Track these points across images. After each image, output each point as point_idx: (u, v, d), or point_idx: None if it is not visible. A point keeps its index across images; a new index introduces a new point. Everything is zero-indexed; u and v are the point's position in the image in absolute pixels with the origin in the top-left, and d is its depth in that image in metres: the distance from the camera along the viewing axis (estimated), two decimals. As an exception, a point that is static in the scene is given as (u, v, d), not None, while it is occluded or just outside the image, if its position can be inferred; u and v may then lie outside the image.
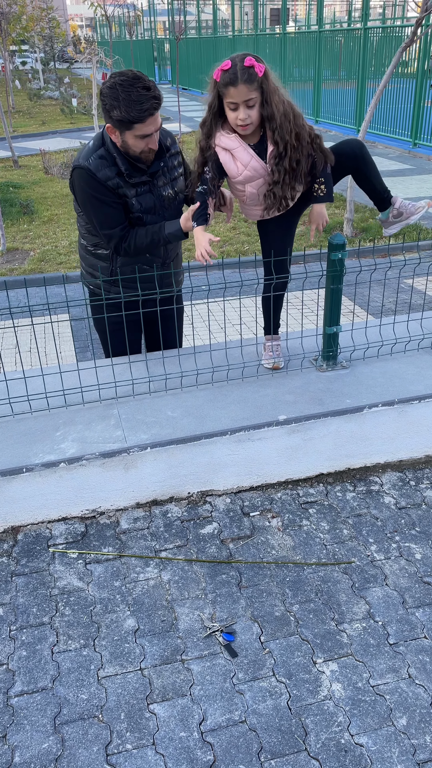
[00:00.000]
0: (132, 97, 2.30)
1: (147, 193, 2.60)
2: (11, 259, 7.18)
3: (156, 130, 2.43)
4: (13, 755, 1.82)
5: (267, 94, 2.34)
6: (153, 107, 2.34)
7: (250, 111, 2.35)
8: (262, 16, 20.55)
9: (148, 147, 2.45)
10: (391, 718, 1.91)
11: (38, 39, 26.31)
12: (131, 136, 2.41)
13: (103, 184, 2.49)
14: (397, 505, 2.74)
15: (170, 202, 2.66)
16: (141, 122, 2.35)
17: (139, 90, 2.31)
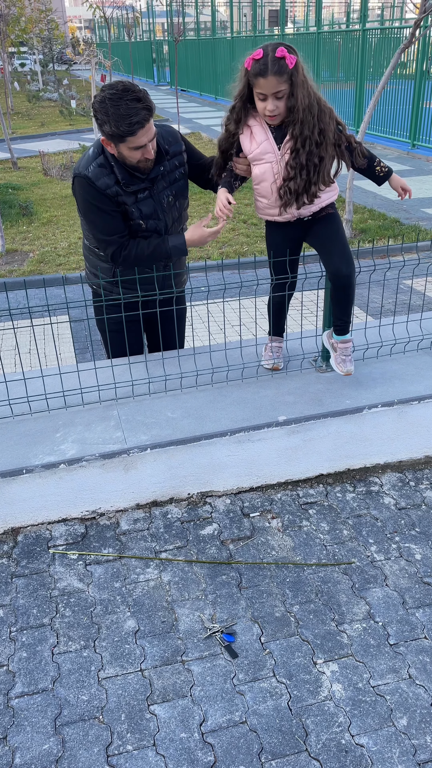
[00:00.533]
0: (121, 111, 2.28)
1: (147, 198, 2.60)
2: (10, 261, 7.18)
3: (150, 140, 2.41)
4: (13, 756, 1.82)
5: (294, 87, 2.31)
6: (143, 119, 2.32)
7: (278, 102, 2.33)
8: (260, 17, 20.58)
9: (144, 157, 2.44)
10: (392, 718, 1.91)
11: (37, 41, 26.32)
12: (125, 148, 2.40)
13: (103, 192, 2.50)
14: (397, 505, 2.74)
15: (170, 205, 2.66)
16: (132, 135, 2.34)
17: (128, 103, 2.29)
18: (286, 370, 3.02)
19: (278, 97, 2.32)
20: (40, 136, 15.60)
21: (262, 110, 2.37)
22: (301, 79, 2.32)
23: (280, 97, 2.32)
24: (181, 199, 2.71)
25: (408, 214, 8.29)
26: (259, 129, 2.45)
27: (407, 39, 6.55)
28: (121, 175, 2.50)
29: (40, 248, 7.50)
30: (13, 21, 18.16)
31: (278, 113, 2.36)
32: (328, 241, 2.65)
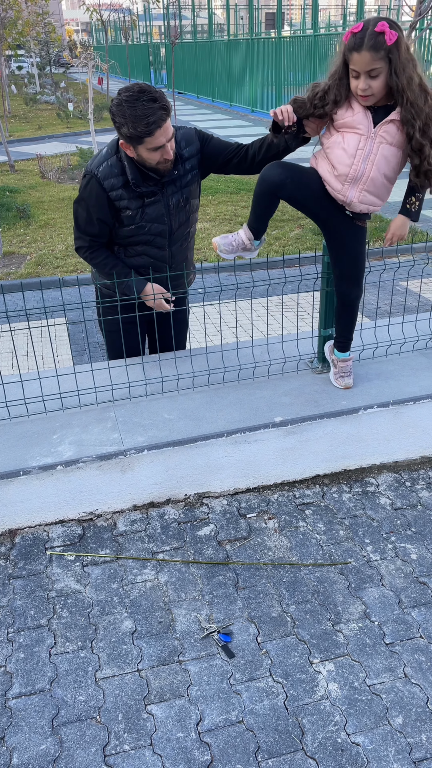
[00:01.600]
0: (138, 113, 2.28)
1: (156, 202, 2.59)
2: (8, 264, 7.19)
3: (168, 140, 2.39)
4: (11, 757, 1.83)
5: (395, 65, 2.11)
6: (160, 119, 2.31)
7: (371, 81, 2.14)
8: (257, 20, 20.63)
9: (164, 158, 2.43)
10: (388, 717, 1.92)
11: (34, 44, 26.34)
12: (144, 150, 2.39)
13: (106, 193, 2.51)
14: (393, 505, 2.75)
15: (179, 208, 2.66)
16: (150, 136, 2.33)
17: (145, 104, 2.29)
18: (282, 372, 3.04)
19: (372, 76, 2.12)
20: (37, 139, 15.62)
21: (355, 89, 2.19)
22: (404, 58, 2.11)
23: (374, 76, 2.12)
24: (191, 201, 2.70)
25: (404, 215, 8.31)
26: (358, 105, 2.27)
27: (403, 42, 6.58)
28: (132, 176, 2.49)
29: (37, 251, 7.51)
30: (10, 24, 18.18)
31: (371, 93, 2.17)
32: (348, 260, 2.59)
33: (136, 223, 2.60)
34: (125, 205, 2.56)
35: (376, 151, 2.30)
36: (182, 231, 2.73)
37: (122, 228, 2.63)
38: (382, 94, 2.21)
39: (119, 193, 2.53)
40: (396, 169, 2.38)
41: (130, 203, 2.55)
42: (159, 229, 2.65)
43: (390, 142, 2.29)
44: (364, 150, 2.30)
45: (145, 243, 2.68)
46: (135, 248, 2.69)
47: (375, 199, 2.43)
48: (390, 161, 2.33)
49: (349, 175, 2.35)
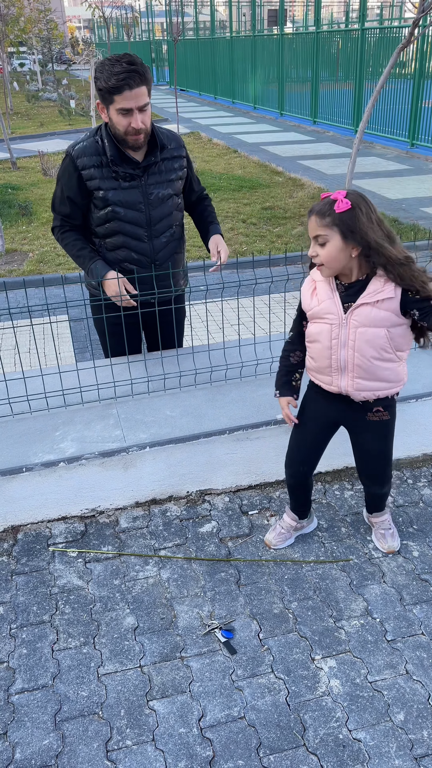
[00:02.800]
0: (114, 69, 2.38)
1: (133, 188, 2.60)
2: (10, 261, 7.20)
3: (138, 107, 2.43)
4: (14, 752, 1.84)
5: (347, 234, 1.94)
6: (133, 80, 2.38)
7: (319, 248, 1.99)
8: (259, 17, 20.58)
9: (131, 126, 2.46)
10: (389, 713, 1.92)
11: (36, 41, 26.32)
12: (114, 111, 2.45)
13: (78, 172, 2.56)
14: (395, 503, 2.75)
15: (161, 200, 2.66)
16: (119, 93, 2.39)
17: (123, 64, 2.38)
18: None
19: (320, 243, 1.98)
20: (39, 136, 15.60)
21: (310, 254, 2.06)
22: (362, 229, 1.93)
23: (321, 244, 1.97)
24: (174, 198, 2.71)
25: (407, 213, 8.31)
26: (324, 285, 2.09)
27: (406, 38, 6.56)
28: (111, 152, 2.53)
29: (39, 248, 7.51)
30: (12, 21, 18.17)
31: (320, 262, 2.00)
32: (370, 459, 2.35)
33: (109, 206, 2.60)
34: (96, 185, 2.57)
35: (353, 337, 2.06)
36: (164, 225, 2.70)
37: (97, 212, 2.63)
38: (335, 266, 2.00)
39: (91, 172, 2.56)
40: (391, 346, 2.08)
41: (102, 183, 2.57)
42: (134, 216, 2.64)
43: (368, 324, 2.03)
44: (339, 339, 2.08)
45: (122, 233, 2.65)
46: (114, 239, 2.67)
47: (376, 383, 2.14)
48: (376, 342, 2.06)
49: (332, 366, 2.15)
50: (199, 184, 2.89)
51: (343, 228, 1.93)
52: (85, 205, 2.63)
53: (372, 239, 1.94)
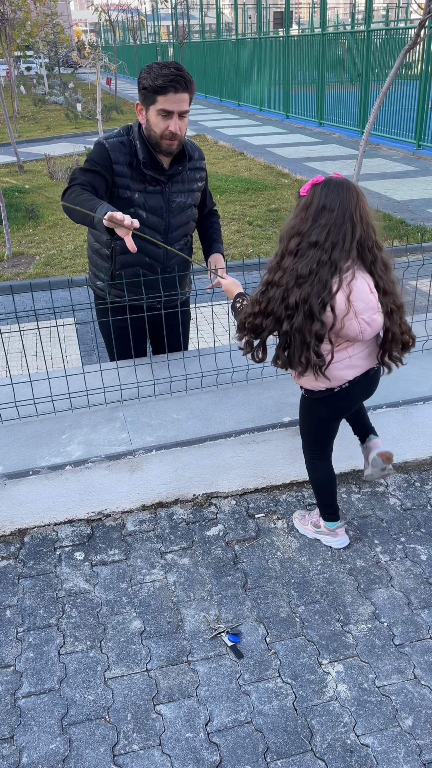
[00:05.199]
0: (162, 71, 2.40)
1: (157, 193, 2.61)
2: (17, 264, 7.22)
3: (179, 111, 2.45)
4: (20, 756, 1.84)
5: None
6: (179, 84, 2.39)
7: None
8: (265, 19, 20.59)
9: (169, 130, 2.46)
10: (397, 718, 1.91)
11: (42, 44, 26.43)
12: (154, 112, 2.44)
13: (111, 162, 2.52)
14: (403, 506, 2.74)
15: (180, 209, 2.67)
16: (163, 94, 2.40)
17: (171, 69, 2.41)
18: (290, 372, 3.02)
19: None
20: (46, 140, 15.66)
21: None
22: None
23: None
24: (193, 209, 2.73)
25: (413, 214, 8.28)
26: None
27: (412, 39, 6.55)
28: (143, 155, 2.53)
29: (46, 251, 7.53)
30: (19, 25, 18.23)
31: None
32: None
33: (132, 208, 2.59)
34: (125, 184, 2.56)
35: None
36: (180, 233, 2.72)
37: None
38: None
39: (122, 169, 2.55)
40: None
41: (132, 183, 2.57)
42: (155, 222, 2.64)
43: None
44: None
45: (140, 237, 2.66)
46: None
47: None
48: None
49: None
50: (212, 199, 2.92)
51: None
52: (106, 187, 2.54)
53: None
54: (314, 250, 1.96)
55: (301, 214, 1.99)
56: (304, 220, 1.98)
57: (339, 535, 2.51)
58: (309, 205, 1.97)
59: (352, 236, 1.96)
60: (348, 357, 2.14)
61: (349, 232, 1.95)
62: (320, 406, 2.28)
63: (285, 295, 2.00)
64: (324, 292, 1.96)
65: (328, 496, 2.45)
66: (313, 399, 2.27)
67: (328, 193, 1.95)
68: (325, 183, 1.96)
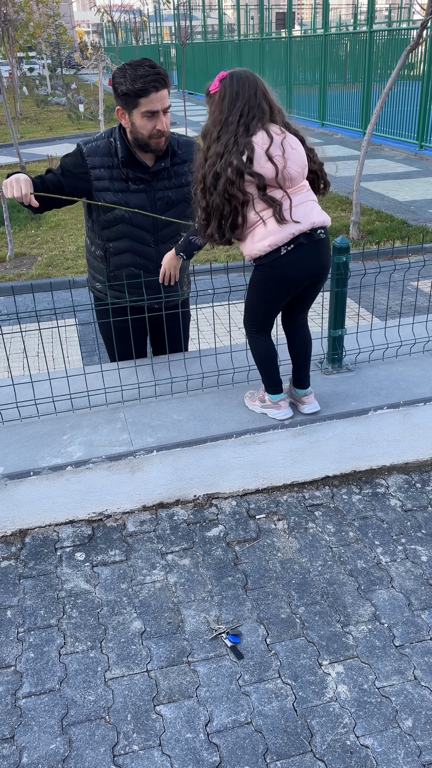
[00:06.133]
0: (138, 73, 2.38)
1: (141, 192, 2.60)
2: (19, 265, 7.23)
3: (163, 108, 2.44)
4: (21, 756, 1.84)
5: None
6: (158, 82, 2.39)
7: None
8: (267, 20, 20.60)
9: (157, 129, 2.46)
10: (397, 719, 1.91)
11: (45, 45, 26.46)
12: (138, 115, 2.44)
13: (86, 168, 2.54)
14: (403, 507, 2.74)
15: (168, 206, 2.66)
16: (145, 95, 2.39)
17: (146, 68, 2.40)
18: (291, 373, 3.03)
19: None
20: (48, 141, 15.69)
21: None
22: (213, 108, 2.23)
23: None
24: (182, 206, 2.69)
25: (415, 215, 8.28)
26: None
27: (414, 40, 6.55)
28: (123, 154, 2.52)
29: (48, 252, 7.54)
30: (22, 26, 18.26)
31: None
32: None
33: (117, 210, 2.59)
34: (105, 186, 2.56)
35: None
36: (171, 230, 2.70)
37: (103, 214, 2.62)
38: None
39: (101, 172, 2.55)
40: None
41: (111, 185, 2.56)
42: (141, 221, 2.63)
43: None
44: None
45: (128, 236, 2.65)
46: (119, 243, 2.67)
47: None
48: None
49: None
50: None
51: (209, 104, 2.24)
52: (71, 193, 2.58)
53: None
54: (232, 126, 2.17)
55: (218, 107, 2.19)
56: (222, 110, 2.19)
57: (282, 408, 2.68)
58: (224, 96, 2.18)
59: (269, 111, 2.22)
60: (286, 209, 2.25)
61: (265, 106, 2.21)
62: (268, 275, 2.36)
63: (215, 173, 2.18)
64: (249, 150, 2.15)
65: (269, 368, 2.61)
66: (261, 267, 2.35)
67: (237, 81, 2.18)
68: (231, 75, 2.19)
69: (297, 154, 2.24)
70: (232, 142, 2.16)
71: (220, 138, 2.19)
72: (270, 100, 2.23)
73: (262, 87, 2.21)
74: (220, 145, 2.18)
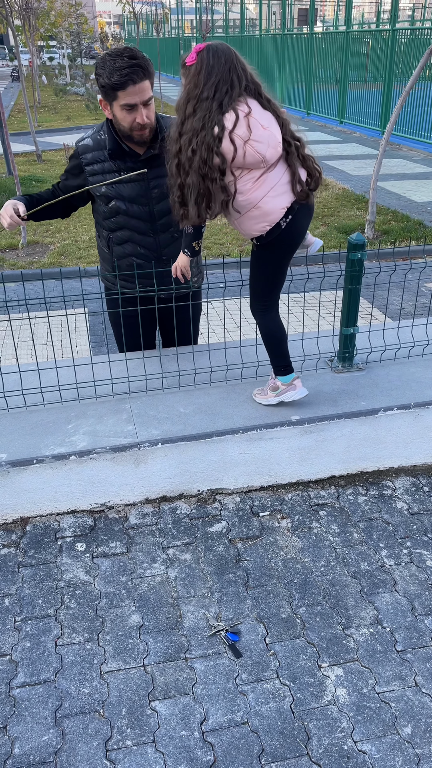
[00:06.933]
0: (116, 65, 2.32)
1: (135, 182, 2.57)
2: (31, 252, 7.22)
3: (142, 102, 2.38)
4: (12, 746, 1.82)
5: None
6: (136, 74, 2.32)
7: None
8: (289, 15, 20.46)
9: (136, 122, 2.42)
10: (396, 726, 1.87)
11: (66, 35, 26.44)
12: (117, 107, 2.40)
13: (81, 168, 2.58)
14: (410, 510, 2.70)
15: (163, 195, 2.60)
16: (122, 89, 2.34)
17: (125, 59, 2.32)
18: (301, 370, 2.99)
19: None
20: (65, 130, 15.67)
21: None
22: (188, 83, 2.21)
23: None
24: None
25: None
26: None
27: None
28: (110, 146, 2.51)
29: (61, 241, 7.53)
30: (43, 15, 18.25)
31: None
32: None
33: (112, 201, 2.58)
34: (99, 180, 2.55)
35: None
36: (169, 219, 2.64)
37: (103, 206, 2.63)
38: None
39: (94, 168, 2.55)
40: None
41: (104, 178, 2.54)
42: (137, 211, 2.60)
43: None
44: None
45: (127, 227, 2.64)
46: (120, 233, 2.67)
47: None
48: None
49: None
50: None
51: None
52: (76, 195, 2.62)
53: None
54: (206, 102, 2.14)
55: (193, 80, 2.16)
56: (197, 84, 2.15)
57: (297, 387, 2.63)
58: (200, 70, 2.15)
59: (239, 83, 2.17)
60: (270, 187, 2.26)
61: (236, 80, 2.16)
62: (273, 248, 2.38)
63: (192, 150, 2.16)
64: (219, 128, 2.13)
65: (279, 346, 2.58)
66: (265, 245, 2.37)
67: (213, 54, 2.15)
68: (208, 47, 2.17)
69: (268, 134, 2.18)
70: (208, 118, 2.14)
71: (195, 113, 2.16)
72: (247, 74, 2.21)
73: (236, 58, 2.18)
74: (196, 120, 2.16)
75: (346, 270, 2.78)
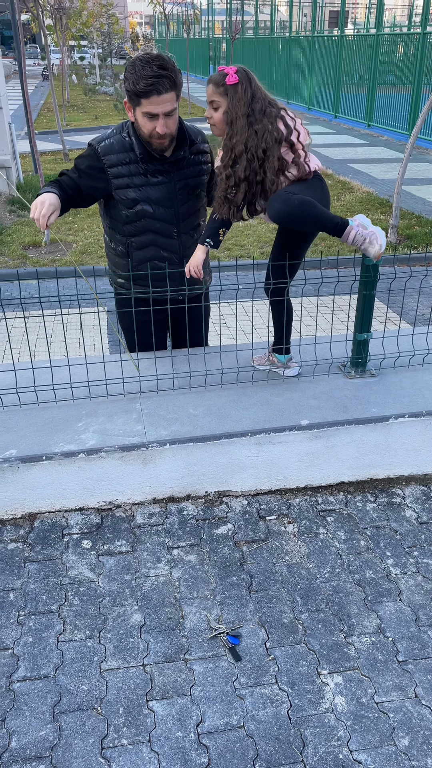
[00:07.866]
0: (144, 73, 2.32)
1: (162, 184, 2.57)
2: (53, 250, 7.29)
3: (165, 113, 2.39)
4: (10, 740, 1.84)
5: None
6: (162, 86, 2.32)
7: (213, 112, 2.44)
8: (320, 18, 20.38)
9: (156, 131, 2.43)
10: (393, 737, 1.86)
11: (97, 35, 26.64)
12: (140, 113, 2.42)
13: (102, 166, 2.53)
14: (419, 519, 2.67)
15: (187, 197, 2.62)
16: (146, 97, 2.34)
17: (154, 68, 2.33)
18: (313, 374, 2.98)
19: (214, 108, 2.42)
20: (93, 129, 15.80)
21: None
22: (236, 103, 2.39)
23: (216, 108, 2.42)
24: (199, 195, 2.68)
25: (457, 222, 8.09)
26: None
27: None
28: (140, 150, 2.51)
29: (83, 239, 7.59)
30: (75, 15, 18.42)
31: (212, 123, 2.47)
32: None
33: (138, 204, 2.57)
34: (125, 183, 2.54)
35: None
36: (191, 222, 2.68)
37: (125, 210, 2.61)
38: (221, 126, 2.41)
39: (119, 170, 2.53)
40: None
41: (131, 180, 2.54)
42: (165, 213, 2.61)
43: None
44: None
45: (152, 230, 2.64)
46: (142, 237, 2.66)
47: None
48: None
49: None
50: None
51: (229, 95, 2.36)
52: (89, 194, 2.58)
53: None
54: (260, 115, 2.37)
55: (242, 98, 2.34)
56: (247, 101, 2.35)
57: (292, 366, 2.95)
58: (245, 89, 2.35)
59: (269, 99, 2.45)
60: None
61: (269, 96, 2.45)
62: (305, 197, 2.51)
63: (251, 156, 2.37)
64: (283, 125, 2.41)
65: (288, 328, 2.84)
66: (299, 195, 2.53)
67: (248, 75, 2.39)
68: (242, 68, 2.39)
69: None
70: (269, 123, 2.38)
71: (252, 124, 2.37)
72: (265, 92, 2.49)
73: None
74: (260, 126, 2.37)
75: (361, 275, 2.76)
